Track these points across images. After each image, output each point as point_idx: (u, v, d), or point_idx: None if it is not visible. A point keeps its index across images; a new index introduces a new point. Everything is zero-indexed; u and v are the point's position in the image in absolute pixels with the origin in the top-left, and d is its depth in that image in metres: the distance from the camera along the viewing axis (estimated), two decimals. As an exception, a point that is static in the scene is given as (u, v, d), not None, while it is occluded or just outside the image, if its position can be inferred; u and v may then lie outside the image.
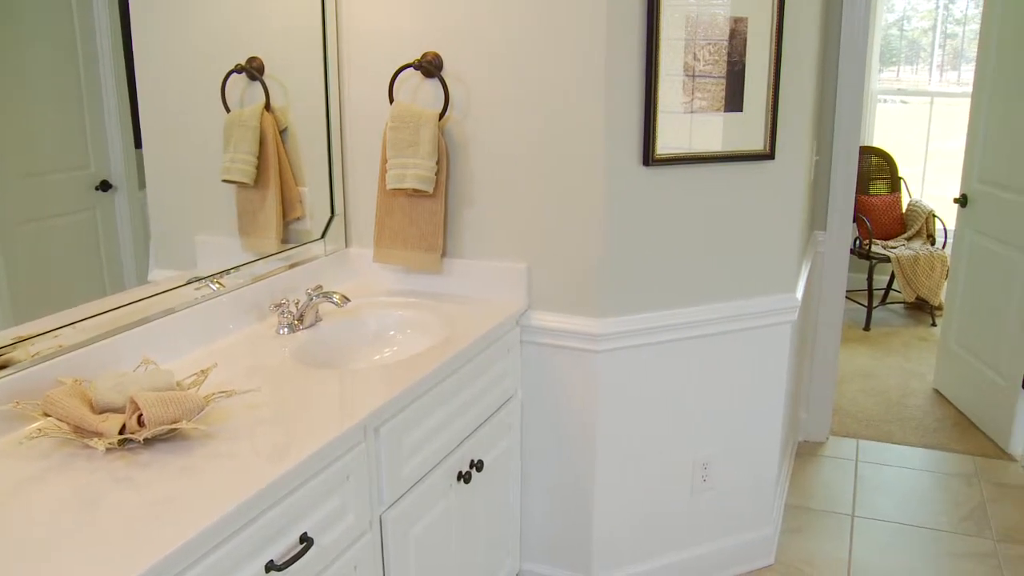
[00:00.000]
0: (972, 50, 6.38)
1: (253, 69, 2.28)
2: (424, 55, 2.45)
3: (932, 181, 6.77)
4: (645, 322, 2.50)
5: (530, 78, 2.35)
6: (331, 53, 2.54)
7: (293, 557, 1.56)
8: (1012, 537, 3.21)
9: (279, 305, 2.27)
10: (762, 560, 2.98)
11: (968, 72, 6.84)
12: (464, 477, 2.24)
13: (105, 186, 1.88)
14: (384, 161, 2.50)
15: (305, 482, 1.61)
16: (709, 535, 2.85)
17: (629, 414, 2.58)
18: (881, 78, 6.77)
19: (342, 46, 2.56)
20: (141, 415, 1.57)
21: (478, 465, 2.31)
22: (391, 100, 2.48)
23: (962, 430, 4.12)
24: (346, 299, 2.29)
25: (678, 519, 2.77)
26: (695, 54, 2.37)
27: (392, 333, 2.44)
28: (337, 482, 1.71)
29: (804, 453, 3.83)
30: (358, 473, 1.78)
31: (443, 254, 2.58)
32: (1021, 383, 3.80)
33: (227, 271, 2.25)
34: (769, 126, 2.52)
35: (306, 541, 1.60)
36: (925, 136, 6.85)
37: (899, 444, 3.96)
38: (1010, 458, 3.85)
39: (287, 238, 2.48)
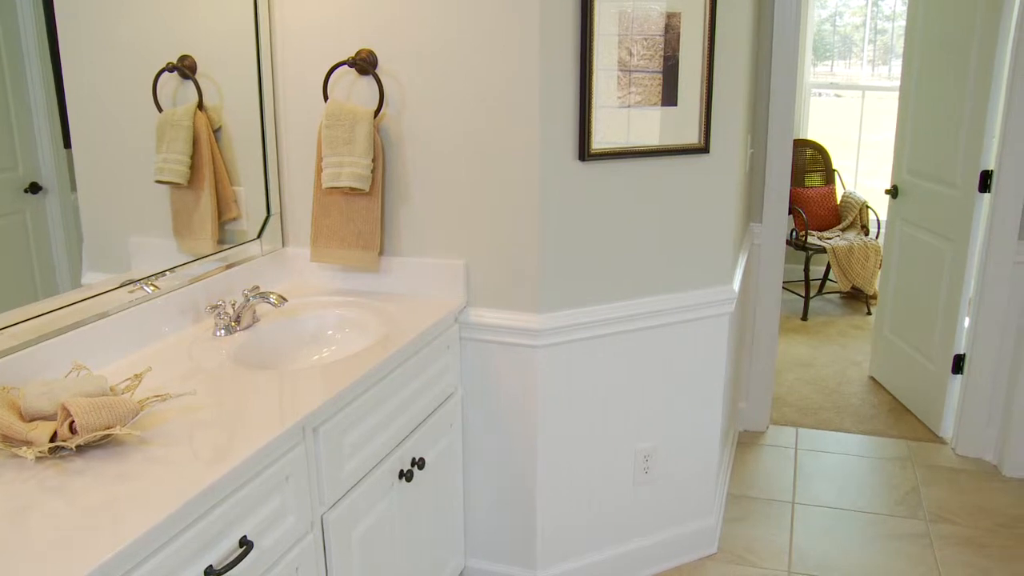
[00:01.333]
0: (901, 45, 6.53)
1: (185, 68, 2.25)
2: (358, 52, 2.44)
3: (866, 173, 6.91)
4: (584, 316, 2.52)
5: (465, 75, 2.36)
6: (264, 51, 2.51)
7: (233, 561, 1.54)
8: (943, 517, 3.30)
9: (215, 307, 2.24)
10: (705, 549, 3.02)
11: (898, 67, 7.00)
12: (406, 475, 2.23)
13: (35, 188, 1.84)
14: (320, 160, 2.48)
15: (244, 485, 1.59)
16: (653, 526, 2.88)
17: (570, 408, 2.60)
18: (815, 72, 6.89)
19: (276, 44, 2.53)
20: (73, 422, 1.54)
21: (420, 463, 2.31)
22: (325, 98, 2.47)
23: (897, 415, 4.21)
24: (283, 299, 2.27)
25: (621, 511, 2.80)
26: (630, 49, 2.39)
27: (331, 333, 2.43)
28: (276, 484, 1.69)
29: (745, 442, 3.89)
30: (298, 474, 1.77)
31: (381, 252, 2.57)
32: (951, 368, 3.90)
33: (162, 273, 2.21)
34: (703, 120, 2.55)
35: (246, 544, 1.59)
36: (858, 129, 6.99)
37: (837, 431, 4.04)
38: (941, 441, 3.95)
39: (223, 239, 2.45)
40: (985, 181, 3.66)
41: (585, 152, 2.39)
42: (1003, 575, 2.95)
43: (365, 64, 2.43)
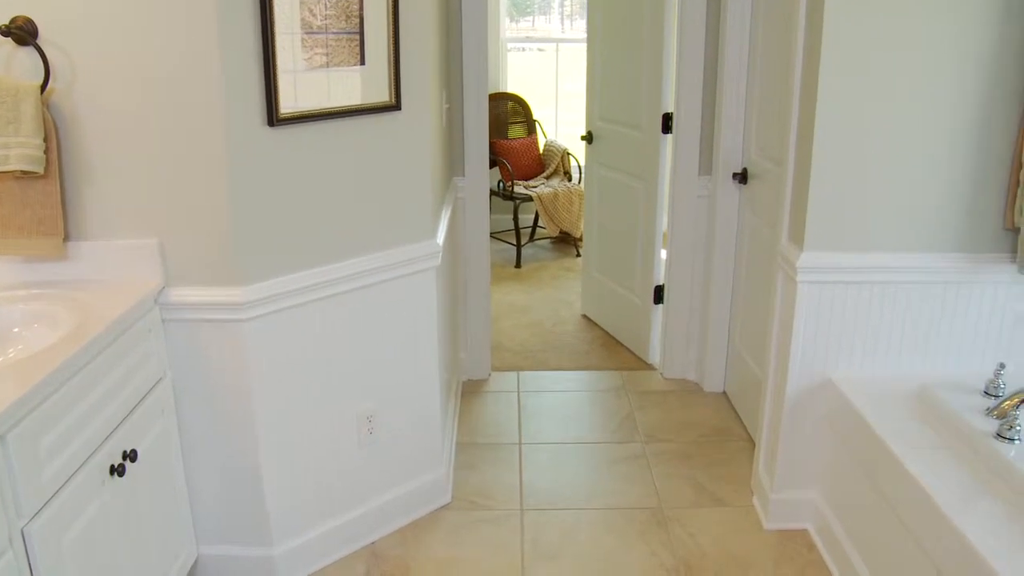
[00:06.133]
0: None
1: None
2: (13, 20, 2.19)
3: (566, 122, 7.22)
4: (290, 284, 2.45)
5: (140, 44, 2.18)
6: None
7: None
8: (656, 437, 3.55)
9: None
10: (440, 500, 3.07)
11: (585, 18, 7.32)
12: (117, 470, 2.09)
13: None
14: (-23, 139, 2.23)
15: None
16: (385, 485, 2.88)
17: (286, 379, 2.53)
18: (517, 27, 7.07)
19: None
20: None
21: (131, 455, 2.16)
22: (-24, 70, 2.21)
23: (609, 349, 4.47)
24: (-53, 297, 2.03)
25: (351, 474, 2.78)
26: (311, 9, 2.32)
27: (17, 331, 2.20)
28: (-50, 501, 1.52)
29: (469, 392, 3.99)
30: (-19, 488, 1.60)
31: (65, 238, 2.36)
32: (652, 299, 4.18)
33: None
34: (393, 78, 2.54)
35: (-81, 573, 1.42)
36: (555, 80, 7.27)
37: (555, 370, 4.23)
38: (651, 367, 4.24)
39: None
40: (667, 123, 3.92)
41: (274, 117, 2.30)
42: (706, 478, 3.24)
43: (23, 33, 2.20)
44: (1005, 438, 2.21)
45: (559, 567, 2.76)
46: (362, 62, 2.46)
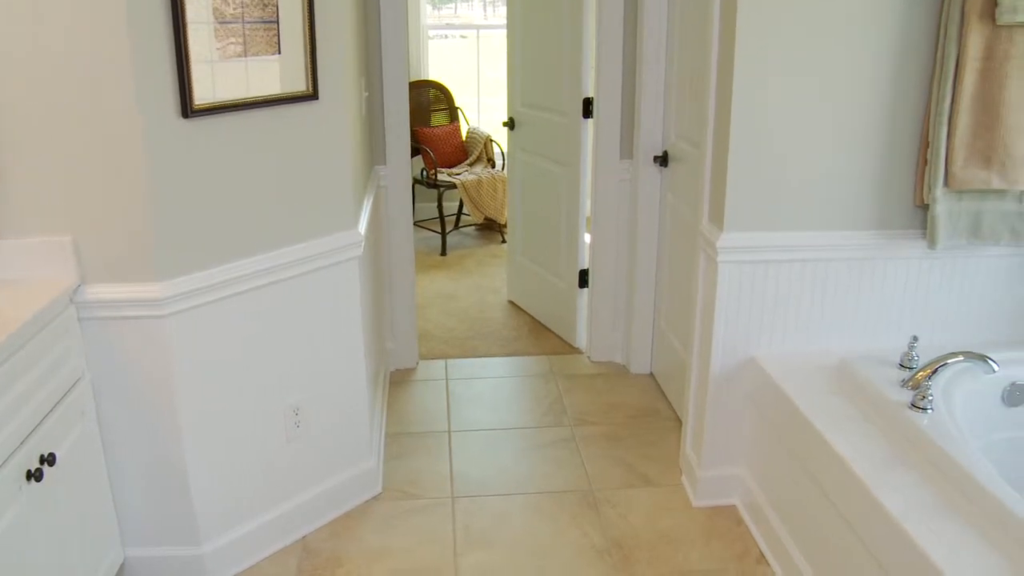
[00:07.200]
0: (504, -17, 6.82)
1: None
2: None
3: (488, 108, 7.21)
4: (210, 278, 2.41)
5: (46, 36, 2.10)
6: None
7: None
8: (584, 420, 3.58)
9: None
10: (370, 491, 3.05)
11: (505, 4, 7.32)
12: (34, 475, 2.02)
13: None
14: None
15: None
16: (315, 478, 2.85)
17: (209, 374, 2.49)
18: (439, 15, 7.03)
19: None
20: None
21: (50, 459, 2.10)
22: None
23: (537, 334, 4.49)
24: None
25: (280, 469, 2.74)
26: (225, -2, 2.27)
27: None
28: None
29: (397, 381, 3.97)
30: None
31: (-28, 236, 2.28)
32: (577, 283, 4.21)
33: None
34: (310, 67, 2.50)
35: None
36: (476, 67, 7.26)
37: (483, 357, 4.23)
38: (578, 351, 4.27)
39: None
40: (587, 108, 3.94)
41: (188, 109, 2.25)
42: (635, 458, 3.28)
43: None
44: (919, 408, 2.28)
45: (492, 553, 2.76)
46: (277, 51, 2.41)
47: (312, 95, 2.52)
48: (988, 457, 2.27)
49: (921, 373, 2.36)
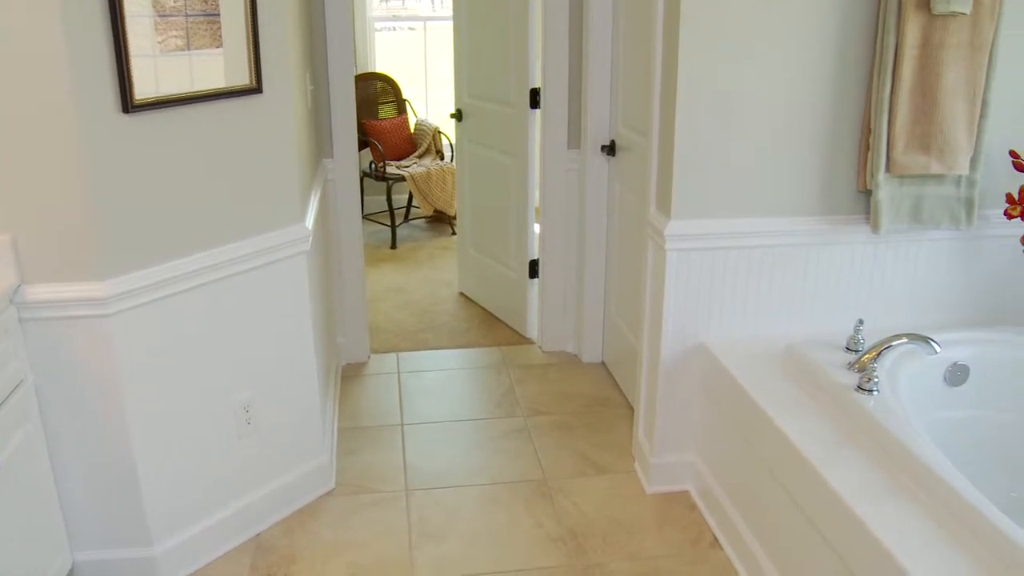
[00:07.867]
0: (449, -27, 6.79)
1: None
2: None
3: (435, 100, 7.18)
4: (154, 276, 2.36)
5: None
6: None
7: None
8: (537, 410, 3.60)
9: None
10: (324, 486, 3.03)
11: (450, -5, 7.30)
12: (-25, 481, 1.98)
13: None
14: None
15: None
16: (267, 476, 2.83)
17: (156, 373, 2.45)
18: (387, 7, 6.98)
19: None
20: None
21: (-9, 464, 2.06)
22: None
23: (488, 326, 4.49)
24: None
25: (231, 468, 2.71)
26: (164, -10, 2.23)
27: None
28: None
29: (349, 376, 3.94)
30: None
31: (-96, 237, 2.22)
32: (528, 274, 4.21)
33: None
34: (253, 60, 2.47)
35: None
36: (423, 59, 7.22)
37: (435, 349, 4.22)
38: (530, 342, 4.28)
39: None
40: (535, 98, 3.94)
41: (129, 104, 2.21)
42: (588, 447, 3.30)
43: None
44: (865, 390, 2.32)
45: (447, 546, 2.76)
46: (219, 44, 2.38)
47: (256, 88, 2.49)
48: (931, 435, 2.32)
49: (867, 356, 2.40)
